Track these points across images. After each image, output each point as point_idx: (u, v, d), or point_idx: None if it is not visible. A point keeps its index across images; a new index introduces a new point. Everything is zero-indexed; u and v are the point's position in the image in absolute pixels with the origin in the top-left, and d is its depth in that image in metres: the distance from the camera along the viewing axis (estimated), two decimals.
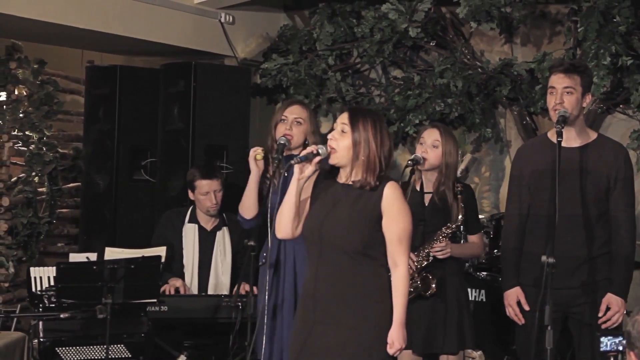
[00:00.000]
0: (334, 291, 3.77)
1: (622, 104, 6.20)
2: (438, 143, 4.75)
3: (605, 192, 4.41)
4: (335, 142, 3.78)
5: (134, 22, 6.52)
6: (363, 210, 3.76)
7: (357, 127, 3.77)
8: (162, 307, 5.14)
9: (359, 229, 3.75)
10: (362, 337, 3.75)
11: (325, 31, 6.92)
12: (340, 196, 3.82)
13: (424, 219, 4.73)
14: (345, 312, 3.76)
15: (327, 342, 3.76)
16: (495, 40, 6.72)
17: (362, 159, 3.75)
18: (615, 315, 4.34)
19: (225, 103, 6.54)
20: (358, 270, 3.77)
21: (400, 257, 3.78)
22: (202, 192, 5.51)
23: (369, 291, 3.78)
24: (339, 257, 3.77)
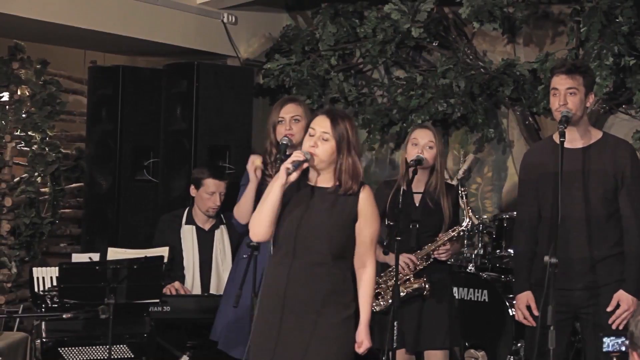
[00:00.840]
0: (308, 294, 3.77)
1: (624, 104, 6.19)
2: (433, 144, 4.77)
3: (613, 191, 4.40)
4: (317, 148, 3.79)
5: (136, 23, 6.52)
6: (341, 214, 3.79)
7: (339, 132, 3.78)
8: (165, 307, 5.14)
9: (338, 233, 3.78)
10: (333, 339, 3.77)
11: (328, 31, 6.92)
12: (315, 199, 3.82)
13: (418, 219, 4.75)
14: (317, 315, 3.77)
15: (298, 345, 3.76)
16: (498, 41, 6.72)
17: (346, 164, 3.76)
18: (624, 312, 4.32)
19: (228, 103, 6.54)
20: (332, 273, 3.79)
21: (369, 258, 3.85)
22: (209, 191, 5.52)
23: (341, 294, 3.81)
24: (313, 259, 3.77)
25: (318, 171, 3.84)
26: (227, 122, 6.52)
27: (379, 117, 6.76)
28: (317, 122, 3.84)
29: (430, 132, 4.82)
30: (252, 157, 4.83)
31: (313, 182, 3.87)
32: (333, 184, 3.83)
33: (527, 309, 4.47)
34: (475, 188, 6.76)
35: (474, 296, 5.79)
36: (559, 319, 4.10)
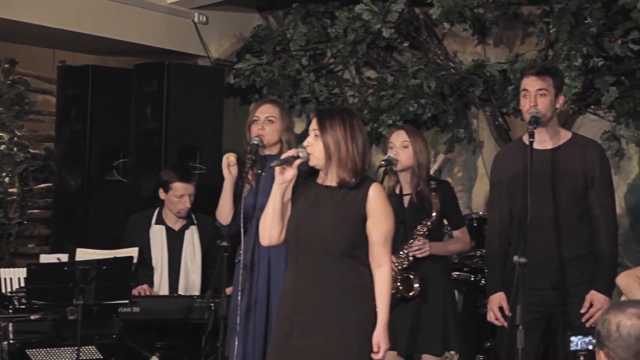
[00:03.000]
0: (318, 293, 3.76)
1: (593, 105, 6.23)
2: (407, 143, 4.76)
3: (583, 191, 4.42)
4: (311, 147, 3.80)
5: (106, 22, 6.49)
6: (348, 212, 3.77)
7: (325, 129, 3.78)
8: (134, 308, 5.11)
9: (345, 230, 3.75)
10: (345, 339, 3.75)
11: (299, 31, 6.92)
12: (322, 198, 3.82)
13: (404, 220, 4.74)
14: (328, 314, 3.75)
15: (310, 345, 3.75)
16: (468, 41, 6.74)
17: (336, 160, 3.76)
18: (598, 312, 4.35)
19: (199, 103, 6.52)
20: (342, 271, 3.76)
21: (384, 257, 3.79)
22: (177, 194, 5.49)
23: (352, 293, 3.78)
24: (323, 258, 3.75)
25: (325, 170, 3.84)
26: (198, 122, 6.50)
27: None
28: (312, 122, 3.85)
29: (403, 132, 4.82)
30: (226, 154, 4.80)
31: (321, 181, 3.87)
32: (337, 181, 3.82)
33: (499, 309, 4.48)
34: None
35: None
36: (531, 318, 4.12)
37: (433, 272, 4.74)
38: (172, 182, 5.50)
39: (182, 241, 5.54)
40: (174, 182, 5.49)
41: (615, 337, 2.61)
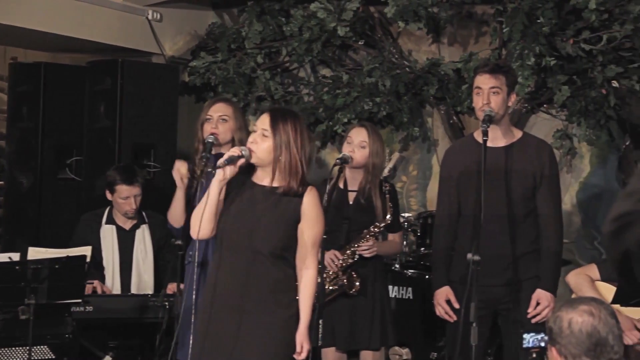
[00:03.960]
0: (241, 290, 3.77)
1: (545, 104, 6.29)
2: (365, 144, 4.79)
3: (532, 190, 4.48)
4: (256, 145, 3.79)
5: (58, 19, 6.42)
6: (283, 214, 3.79)
7: (278, 130, 3.78)
8: (87, 307, 5.07)
9: (279, 233, 3.78)
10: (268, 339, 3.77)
11: (254, 29, 6.90)
12: (258, 198, 3.82)
13: (349, 217, 4.76)
14: (250, 312, 3.77)
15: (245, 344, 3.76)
16: (423, 40, 6.77)
17: (283, 163, 3.76)
18: (544, 310, 4.40)
19: (153, 101, 6.48)
20: (269, 271, 3.79)
21: (312, 259, 3.85)
22: (122, 196, 5.45)
23: (277, 292, 3.80)
24: (251, 257, 3.78)
25: (265, 170, 3.83)
26: (152, 120, 6.47)
27: (305, 115, 6.75)
28: (259, 119, 3.85)
29: (365, 131, 4.83)
30: (177, 163, 4.79)
31: (258, 180, 3.86)
32: (276, 183, 3.82)
33: (447, 303, 4.52)
34: (401, 186, 6.80)
35: (399, 294, 5.83)
36: (479, 315, 4.16)
37: (371, 270, 4.80)
38: (116, 184, 5.46)
39: (133, 240, 5.51)
40: (118, 184, 5.45)
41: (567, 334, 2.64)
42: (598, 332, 2.60)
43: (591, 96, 5.94)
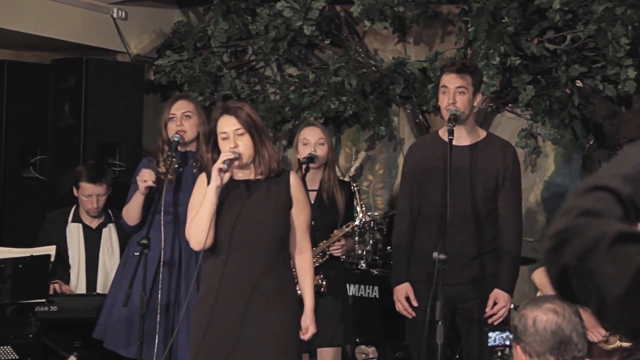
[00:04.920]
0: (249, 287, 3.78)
1: (510, 103, 6.33)
2: (323, 140, 4.80)
3: (493, 190, 4.51)
4: (239, 146, 3.79)
5: (22, 16, 6.36)
6: (276, 201, 3.83)
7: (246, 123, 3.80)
8: (52, 307, 5.03)
9: (279, 218, 3.82)
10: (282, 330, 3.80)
11: (220, 28, 6.88)
12: (246, 192, 3.84)
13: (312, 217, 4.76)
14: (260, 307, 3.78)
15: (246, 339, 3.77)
16: (389, 39, 6.78)
17: (264, 150, 3.80)
18: (501, 309, 4.43)
19: (118, 100, 6.45)
20: (277, 263, 3.82)
21: (306, 243, 3.91)
22: (85, 194, 5.42)
23: (286, 284, 3.83)
24: (259, 251, 3.79)
25: (247, 166, 3.85)
26: (118, 119, 6.43)
27: (271, 114, 6.75)
28: (223, 124, 3.83)
29: (319, 129, 4.85)
30: (144, 171, 4.73)
31: (239, 177, 3.88)
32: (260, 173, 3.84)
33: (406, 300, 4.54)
34: (367, 185, 6.82)
35: (365, 292, 5.84)
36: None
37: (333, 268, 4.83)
38: (80, 181, 5.43)
39: (99, 239, 5.47)
40: (82, 181, 5.42)
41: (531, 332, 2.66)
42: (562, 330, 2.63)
43: (555, 96, 5.98)
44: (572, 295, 1.46)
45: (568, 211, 1.50)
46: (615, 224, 1.45)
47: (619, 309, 1.42)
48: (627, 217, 1.49)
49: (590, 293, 1.44)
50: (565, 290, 1.47)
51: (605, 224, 1.45)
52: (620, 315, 1.42)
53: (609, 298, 1.42)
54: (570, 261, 1.44)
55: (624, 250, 1.42)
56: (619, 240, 1.43)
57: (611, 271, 1.41)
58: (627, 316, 1.42)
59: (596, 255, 1.43)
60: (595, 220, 1.47)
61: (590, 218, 1.47)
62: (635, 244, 1.43)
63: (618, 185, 1.50)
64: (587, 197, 1.51)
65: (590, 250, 1.44)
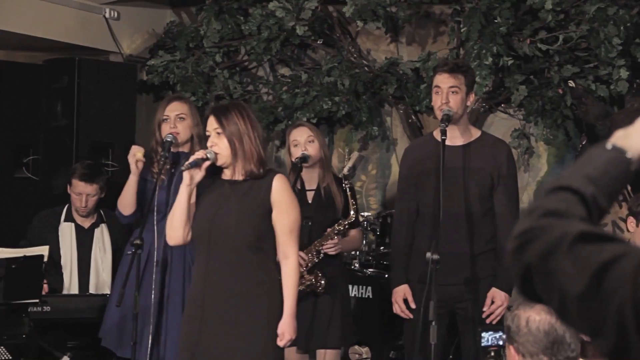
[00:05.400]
0: (226, 288, 3.80)
1: (503, 103, 6.34)
2: (312, 137, 4.80)
3: (489, 189, 4.51)
4: (217, 146, 3.82)
5: (14, 16, 6.34)
6: (252, 203, 3.81)
7: (225, 125, 3.81)
8: (45, 307, 5.03)
9: (251, 222, 3.80)
10: (254, 332, 3.79)
11: (212, 28, 6.87)
12: (227, 193, 3.85)
13: (310, 216, 4.76)
14: (236, 309, 3.79)
15: (221, 340, 3.78)
16: (381, 40, 6.79)
17: (241, 153, 3.80)
18: (498, 309, 4.44)
19: (111, 100, 6.45)
20: (249, 264, 3.81)
21: (290, 248, 3.85)
22: (75, 191, 5.42)
23: (260, 286, 3.82)
24: (230, 252, 3.80)
25: (230, 167, 3.85)
26: (110, 119, 6.43)
27: (264, 114, 6.75)
28: (208, 124, 3.89)
29: (306, 128, 4.86)
30: (133, 147, 4.77)
31: (226, 177, 3.91)
32: (240, 174, 3.86)
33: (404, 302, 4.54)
34: (360, 185, 6.82)
35: (359, 293, 5.84)
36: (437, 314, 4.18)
37: (333, 268, 4.81)
38: (72, 178, 5.44)
39: (91, 239, 5.47)
40: (74, 178, 5.43)
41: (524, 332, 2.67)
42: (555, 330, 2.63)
43: (548, 96, 5.99)
44: (534, 294, 1.49)
45: (532, 212, 1.53)
46: (577, 224, 1.48)
47: (578, 307, 1.44)
48: (590, 217, 1.52)
49: (552, 292, 1.47)
50: (527, 289, 1.50)
51: (568, 224, 1.48)
52: (579, 313, 1.45)
53: (568, 296, 1.44)
54: (533, 260, 1.47)
55: (584, 250, 1.45)
56: (579, 239, 1.46)
57: (571, 270, 1.44)
58: (585, 314, 1.44)
59: (557, 255, 1.46)
60: (558, 221, 1.49)
61: (553, 218, 1.50)
62: (596, 243, 1.46)
63: (581, 185, 1.53)
64: (550, 197, 1.54)
65: (552, 249, 1.47)
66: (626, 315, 1.40)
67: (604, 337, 1.43)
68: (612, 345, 1.42)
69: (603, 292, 1.42)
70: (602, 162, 1.55)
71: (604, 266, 1.42)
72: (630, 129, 1.58)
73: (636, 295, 1.40)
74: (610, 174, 1.55)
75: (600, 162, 1.55)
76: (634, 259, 1.42)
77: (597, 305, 1.42)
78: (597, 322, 1.43)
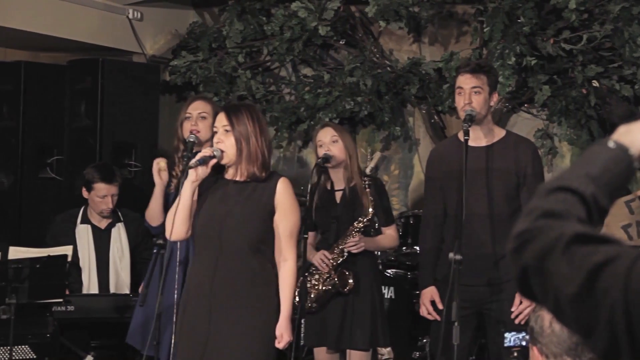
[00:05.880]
0: (232, 285, 3.81)
1: (526, 104, 6.32)
2: (336, 137, 4.80)
3: (515, 189, 4.48)
4: (223, 143, 3.83)
5: (39, 17, 6.39)
6: (256, 205, 3.83)
7: (235, 124, 3.82)
8: (69, 306, 5.06)
9: (254, 223, 3.82)
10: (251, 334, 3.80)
11: (235, 29, 6.89)
12: (231, 193, 3.87)
13: (337, 216, 4.76)
14: (239, 307, 3.80)
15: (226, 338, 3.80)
16: (404, 40, 6.78)
17: (246, 154, 3.81)
18: (526, 309, 4.41)
19: (134, 100, 6.47)
20: (249, 266, 3.83)
21: (290, 251, 3.89)
22: (100, 195, 5.44)
23: (260, 287, 3.84)
24: (231, 253, 3.82)
25: (234, 166, 3.86)
26: (133, 119, 6.46)
27: (286, 114, 6.76)
28: (217, 120, 3.92)
29: (330, 128, 4.87)
30: (156, 159, 4.79)
31: (230, 176, 3.91)
32: (244, 175, 3.87)
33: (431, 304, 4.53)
34: None
35: None
36: (463, 315, 4.17)
37: (362, 268, 4.79)
38: (94, 182, 5.45)
39: (109, 239, 5.49)
40: (96, 182, 5.44)
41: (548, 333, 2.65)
42: None
43: (572, 96, 5.97)
44: (532, 294, 1.49)
45: (530, 212, 1.53)
46: (574, 225, 1.48)
47: (572, 308, 1.44)
48: (590, 217, 1.51)
49: (548, 292, 1.47)
50: (526, 289, 1.50)
51: (564, 225, 1.48)
52: (573, 314, 1.45)
53: (563, 297, 1.44)
54: (531, 261, 1.47)
55: (579, 251, 1.45)
56: (575, 241, 1.45)
57: (566, 271, 1.44)
58: (579, 315, 1.44)
59: (553, 256, 1.45)
60: (556, 222, 1.49)
61: (550, 220, 1.50)
62: (591, 245, 1.45)
63: (580, 185, 1.51)
64: (549, 198, 1.53)
65: (548, 251, 1.46)
66: (617, 316, 1.40)
67: (596, 337, 1.43)
68: (605, 346, 1.42)
69: (596, 293, 1.41)
70: (603, 159, 1.54)
71: (598, 267, 1.42)
72: (633, 125, 1.56)
73: (627, 296, 1.39)
74: (611, 172, 1.53)
75: (601, 160, 1.54)
76: (627, 260, 1.42)
77: (590, 306, 1.42)
78: (590, 322, 1.43)
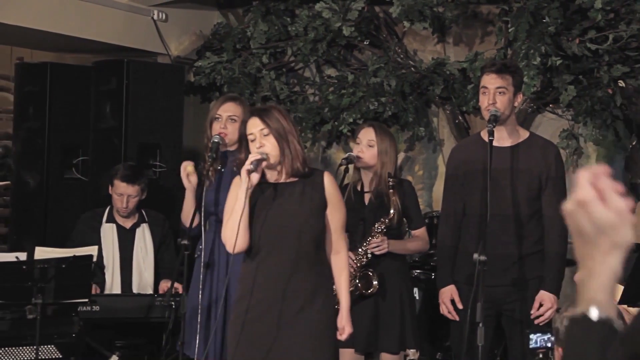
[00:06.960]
0: (303, 291, 3.80)
1: (551, 104, 6.29)
2: (373, 142, 4.77)
3: (537, 191, 4.47)
4: (265, 146, 3.82)
5: (64, 19, 6.43)
6: (312, 202, 3.84)
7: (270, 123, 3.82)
8: (94, 306, 5.08)
9: (314, 221, 3.85)
10: (321, 328, 3.81)
11: (259, 29, 6.90)
12: (281, 195, 3.86)
13: (364, 218, 4.75)
14: (308, 310, 3.80)
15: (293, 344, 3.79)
16: (428, 40, 6.76)
17: (289, 152, 3.81)
18: (548, 311, 4.40)
19: (159, 101, 6.49)
20: (314, 262, 3.84)
21: (342, 243, 3.93)
22: (117, 192, 5.48)
23: (325, 285, 3.87)
24: (304, 254, 3.82)
25: (277, 167, 3.87)
26: (158, 120, 6.47)
27: (310, 115, 6.76)
28: (250, 126, 3.87)
29: (372, 131, 4.82)
30: (183, 163, 4.77)
31: (273, 179, 3.91)
32: (288, 174, 3.87)
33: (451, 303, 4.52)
34: None
35: None
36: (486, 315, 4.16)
37: (391, 270, 4.76)
38: (114, 178, 5.48)
39: (133, 239, 5.52)
40: (116, 179, 5.47)
41: None
42: None
43: (597, 96, 5.93)
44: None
45: None
46: None
47: None
48: None
49: None
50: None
51: None
52: None
53: None
54: None
55: None
56: None
57: None
58: None
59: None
60: None
61: None
62: None
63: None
64: None
65: None
66: None
67: None
68: None
69: None
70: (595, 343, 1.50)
71: None
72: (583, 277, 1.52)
73: None
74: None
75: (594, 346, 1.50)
76: None
77: None
78: None
